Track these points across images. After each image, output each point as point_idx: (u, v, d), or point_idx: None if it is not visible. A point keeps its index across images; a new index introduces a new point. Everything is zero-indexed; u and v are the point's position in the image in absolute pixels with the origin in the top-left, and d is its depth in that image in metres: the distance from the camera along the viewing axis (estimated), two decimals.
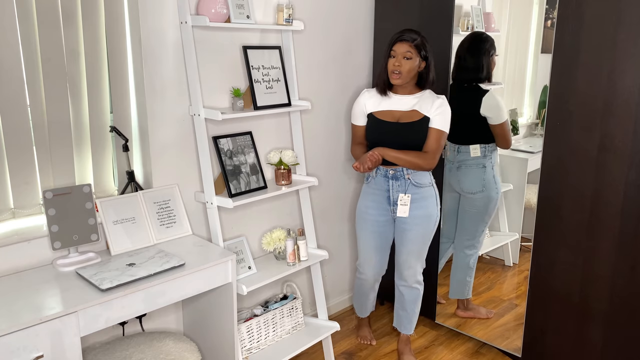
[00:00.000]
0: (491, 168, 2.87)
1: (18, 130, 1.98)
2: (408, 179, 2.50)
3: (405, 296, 2.72)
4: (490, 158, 2.87)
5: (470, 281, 3.06)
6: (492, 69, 2.84)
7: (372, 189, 2.60)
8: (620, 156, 2.24)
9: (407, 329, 2.80)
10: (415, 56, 2.42)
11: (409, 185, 2.51)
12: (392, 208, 2.57)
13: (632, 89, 2.16)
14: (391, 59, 2.45)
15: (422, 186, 2.52)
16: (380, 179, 2.55)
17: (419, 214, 2.53)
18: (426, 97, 2.48)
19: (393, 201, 2.55)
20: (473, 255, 3.01)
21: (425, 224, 2.55)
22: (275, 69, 2.55)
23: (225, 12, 2.27)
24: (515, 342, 2.84)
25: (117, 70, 2.22)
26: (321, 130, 2.98)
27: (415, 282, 2.68)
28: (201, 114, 2.28)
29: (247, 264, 2.47)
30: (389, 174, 2.52)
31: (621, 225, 2.28)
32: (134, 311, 1.90)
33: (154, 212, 2.26)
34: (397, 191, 2.53)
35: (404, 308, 2.76)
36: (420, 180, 2.51)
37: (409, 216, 2.53)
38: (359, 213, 2.67)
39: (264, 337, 2.55)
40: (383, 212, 2.60)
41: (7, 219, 2.02)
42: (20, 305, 1.72)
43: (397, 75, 2.43)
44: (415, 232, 2.56)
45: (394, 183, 2.52)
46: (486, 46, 2.81)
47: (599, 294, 2.39)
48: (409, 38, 2.42)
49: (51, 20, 2.00)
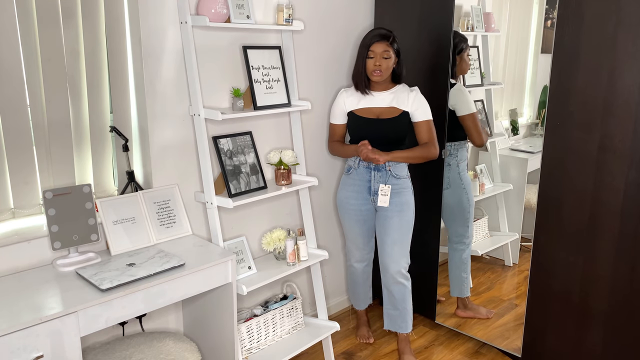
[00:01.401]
0: (456, 165, 2.95)
1: (18, 130, 1.98)
2: (389, 170, 2.61)
3: (395, 294, 2.73)
4: (456, 156, 2.94)
5: (466, 277, 3.06)
6: (462, 66, 2.91)
7: (353, 180, 2.69)
8: (620, 156, 2.24)
9: (403, 328, 2.79)
10: (392, 53, 2.55)
11: (389, 177, 2.61)
12: (372, 198, 2.67)
13: (632, 89, 2.16)
14: (370, 60, 2.55)
15: (400, 178, 2.63)
16: (363, 169, 2.65)
17: (398, 201, 2.63)
18: (401, 92, 2.61)
19: (374, 191, 2.65)
20: (464, 250, 3.05)
21: (406, 211, 2.65)
22: (275, 69, 2.55)
23: (225, 12, 2.27)
24: (515, 342, 2.84)
25: (117, 70, 2.22)
26: (321, 131, 2.98)
27: (401, 277, 2.69)
28: (201, 114, 2.28)
29: (247, 264, 2.47)
30: (372, 166, 2.62)
31: (621, 225, 2.28)
32: (134, 311, 1.90)
33: (154, 212, 2.26)
34: (377, 181, 2.63)
35: (395, 307, 2.76)
36: (399, 173, 2.63)
37: (389, 205, 2.62)
38: (340, 204, 2.77)
39: (264, 337, 2.55)
40: (364, 202, 2.69)
41: (7, 219, 2.02)
42: (20, 306, 1.72)
43: (379, 73, 2.54)
44: (398, 220, 2.64)
45: (375, 174, 2.63)
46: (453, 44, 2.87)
47: (599, 294, 2.39)
48: (385, 37, 2.53)
49: (51, 20, 2.00)
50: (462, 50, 2.89)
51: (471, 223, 3.04)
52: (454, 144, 2.93)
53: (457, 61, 2.88)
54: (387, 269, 2.71)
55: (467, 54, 2.93)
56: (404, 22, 2.93)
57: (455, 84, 2.86)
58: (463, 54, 2.90)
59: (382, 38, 2.53)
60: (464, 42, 2.90)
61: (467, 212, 2.99)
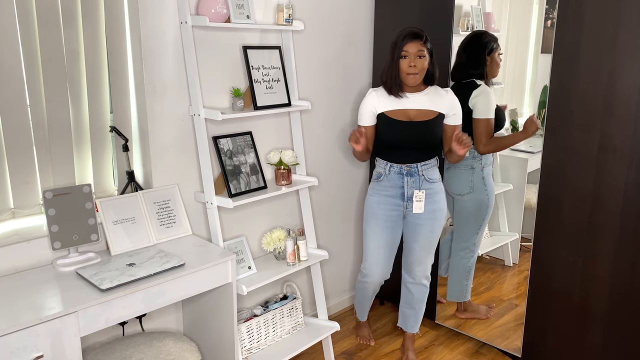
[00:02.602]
0: (480, 170, 2.82)
1: (18, 130, 1.98)
2: (422, 175, 2.51)
3: (415, 294, 2.71)
4: (480, 159, 2.81)
5: (467, 284, 3.03)
6: (493, 68, 2.79)
7: (383, 186, 2.57)
8: (620, 156, 2.24)
9: (414, 328, 2.79)
10: (426, 53, 2.40)
11: (422, 181, 2.52)
12: (405, 204, 2.56)
13: (632, 89, 2.16)
14: (403, 60, 2.40)
15: (433, 181, 2.54)
16: (394, 175, 2.54)
17: (432, 209, 2.55)
18: (435, 93, 2.49)
19: (407, 197, 2.54)
20: (469, 259, 2.97)
21: (438, 218, 2.58)
22: (275, 69, 2.55)
23: (225, 12, 2.27)
24: (515, 342, 2.84)
25: (117, 70, 2.22)
26: (321, 130, 2.98)
27: (424, 279, 2.68)
28: (201, 114, 2.28)
29: (247, 264, 2.47)
30: (404, 171, 2.52)
31: (621, 225, 2.28)
32: (134, 311, 1.90)
33: (153, 212, 2.26)
34: (411, 187, 2.53)
35: (412, 306, 2.75)
36: (432, 176, 2.54)
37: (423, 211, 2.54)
38: (369, 209, 2.62)
39: (264, 337, 2.55)
40: (395, 207, 2.57)
41: (7, 219, 2.02)
42: (20, 305, 1.72)
43: (414, 75, 2.40)
44: (429, 227, 2.57)
45: (408, 179, 2.52)
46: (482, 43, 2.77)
47: (599, 294, 2.39)
48: (419, 36, 2.38)
49: (51, 20, 2.00)
50: (492, 50, 2.75)
51: (482, 231, 2.94)
52: None
53: (487, 62, 2.75)
54: (411, 270, 2.66)
55: (498, 53, 2.78)
56: (404, 22, 2.93)
57: (480, 85, 2.73)
58: (494, 54, 2.76)
59: (415, 37, 2.37)
60: (494, 41, 2.76)
61: (482, 219, 2.88)
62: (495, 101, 2.76)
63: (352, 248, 3.34)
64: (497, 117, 2.77)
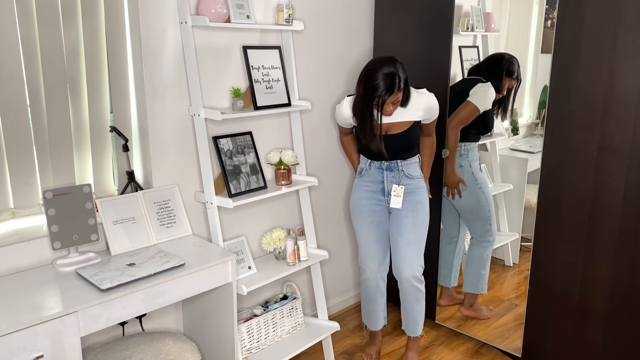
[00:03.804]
0: (469, 166, 2.92)
1: (18, 131, 1.98)
2: (402, 170, 2.55)
3: (407, 297, 2.67)
4: (467, 156, 2.91)
5: (484, 274, 3.04)
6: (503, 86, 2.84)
7: (365, 182, 2.63)
8: (620, 156, 2.24)
9: (415, 331, 2.74)
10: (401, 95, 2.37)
11: (402, 177, 2.56)
12: (386, 199, 2.60)
13: (632, 89, 2.16)
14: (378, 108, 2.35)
15: (413, 177, 2.57)
16: (375, 170, 2.59)
17: (412, 200, 2.57)
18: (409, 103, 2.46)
19: (387, 192, 2.59)
20: (488, 247, 3.02)
21: (420, 210, 2.58)
22: (275, 69, 2.55)
23: (225, 12, 2.27)
24: (515, 342, 2.84)
25: (117, 70, 2.22)
26: (321, 130, 2.98)
27: (416, 281, 2.61)
28: (201, 114, 2.28)
29: (247, 264, 2.47)
30: (384, 166, 2.56)
31: (621, 226, 2.28)
32: (134, 311, 1.90)
33: (153, 212, 2.26)
34: (390, 182, 2.57)
35: (406, 309, 2.73)
36: (412, 172, 2.57)
37: (403, 205, 2.57)
38: (353, 206, 2.68)
39: (264, 337, 2.55)
40: (377, 202, 2.62)
41: (7, 219, 2.02)
42: (20, 305, 1.72)
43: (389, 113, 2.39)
44: (412, 219, 2.57)
45: (388, 174, 2.57)
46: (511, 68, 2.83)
47: (599, 294, 2.39)
48: (396, 88, 2.30)
49: (51, 20, 2.00)
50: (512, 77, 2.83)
51: (493, 220, 2.98)
52: (465, 144, 2.89)
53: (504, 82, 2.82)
54: (400, 272, 2.61)
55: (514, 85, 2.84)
56: (404, 22, 2.93)
57: (487, 82, 2.79)
58: (512, 81, 2.83)
59: (392, 90, 2.29)
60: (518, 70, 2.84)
61: (487, 210, 2.95)
62: (491, 102, 2.81)
63: (352, 248, 3.34)
64: (485, 119, 2.85)
